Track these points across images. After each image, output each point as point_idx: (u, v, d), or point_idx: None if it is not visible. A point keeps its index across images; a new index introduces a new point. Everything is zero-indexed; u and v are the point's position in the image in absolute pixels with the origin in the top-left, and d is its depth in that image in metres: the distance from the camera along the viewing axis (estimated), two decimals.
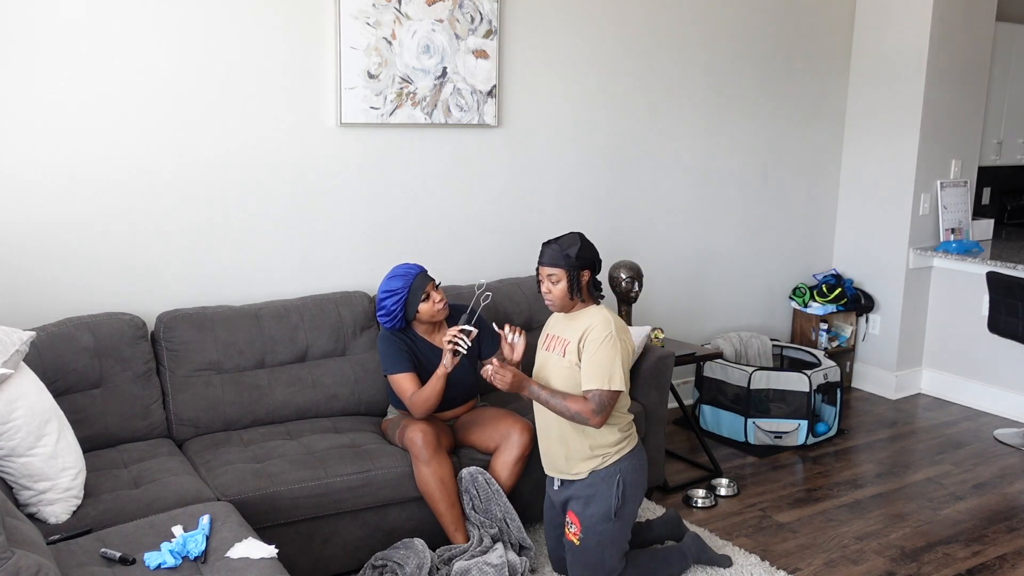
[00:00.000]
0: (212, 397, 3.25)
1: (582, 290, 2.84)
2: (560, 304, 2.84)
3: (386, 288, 3.20)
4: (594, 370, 2.74)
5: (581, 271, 2.81)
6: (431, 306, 3.18)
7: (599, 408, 2.72)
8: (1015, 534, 3.55)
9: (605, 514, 2.80)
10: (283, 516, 2.86)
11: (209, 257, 3.47)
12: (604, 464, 2.82)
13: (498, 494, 3.09)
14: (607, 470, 2.82)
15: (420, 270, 3.23)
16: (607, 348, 2.74)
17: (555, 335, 2.90)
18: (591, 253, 2.84)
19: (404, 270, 3.22)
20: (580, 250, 2.80)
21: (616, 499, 2.80)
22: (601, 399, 2.72)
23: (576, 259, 2.80)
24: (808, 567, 3.27)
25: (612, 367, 2.73)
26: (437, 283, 3.23)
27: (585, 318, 2.82)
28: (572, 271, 2.80)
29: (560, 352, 2.85)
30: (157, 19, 3.22)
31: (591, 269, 2.85)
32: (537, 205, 4.25)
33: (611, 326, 2.76)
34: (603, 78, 4.33)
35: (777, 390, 4.38)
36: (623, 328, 2.82)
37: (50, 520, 2.52)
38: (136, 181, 3.29)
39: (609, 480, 2.81)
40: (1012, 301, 4.33)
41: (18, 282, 3.15)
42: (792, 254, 5.32)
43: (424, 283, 3.18)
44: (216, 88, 3.37)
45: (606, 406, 2.72)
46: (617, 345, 2.75)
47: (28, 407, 2.49)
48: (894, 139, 5.07)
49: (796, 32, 4.99)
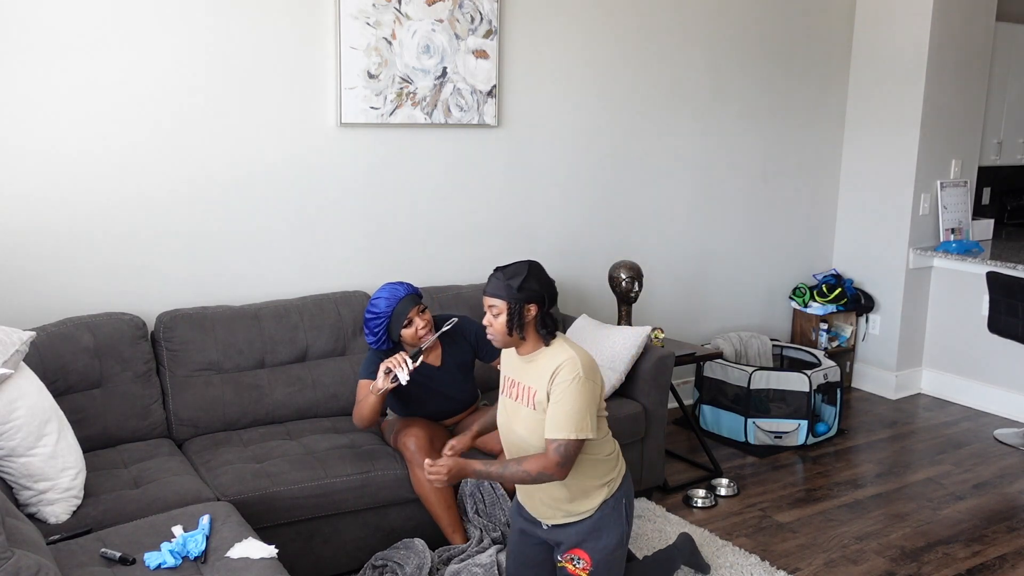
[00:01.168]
0: (212, 397, 3.25)
1: (525, 326, 2.50)
2: (501, 340, 2.53)
3: (370, 309, 3.08)
4: (562, 418, 2.42)
5: (525, 304, 2.48)
6: (413, 332, 3.06)
7: (564, 460, 2.42)
8: (1015, 534, 3.55)
9: (619, 542, 2.60)
10: (283, 516, 2.86)
11: (209, 257, 3.47)
12: (612, 491, 2.59)
13: (503, 499, 3.09)
14: (615, 497, 2.59)
15: (406, 293, 3.08)
16: (575, 392, 2.43)
17: (517, 381, 2.58)
18: (540, 285, 2.50)
19: (390, 292, 3.08)
20: (525, 281, 2.47)
21: (627, 524, 2.63)
22: (567, 450, 2.42)
23: (519, 291, 2.46)
24: (808, 567, 3.27)
25: (582, 415, 2.43)
26: (423, 307, 3.08)
27: (547, 359, 2.50)
28: (514, 304, 2.47)
29: (528, 404, 2.53)
30: (157, 19, 3.22)
31: (539, 303, 2.50)
32: (537, 205, 4.25)
33: (578, 366, 2.45)
34: (603, 78, 4.33)
35: (777, 390, 4.38)
36: (591, 366, 2.51)
37: (50, 520, 2.52)
38: (136, 181, 3.29)
39: (617, 507, 2.60)
40: (1012, 301, 4.33)
41: (18, 282, 3.15)
42: (792, 254, 5.32)
43: (407, 308, 3.04)
44: (216, 88, 3.37)
45: (571, 457, 2.43)
46: (586, 387, 2.44)
47: (28, 407, 2.49)
48: (894, 139, 5.07)
49: (796, 32, 4.99)
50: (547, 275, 2.56)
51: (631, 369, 3.62)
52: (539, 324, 2.52)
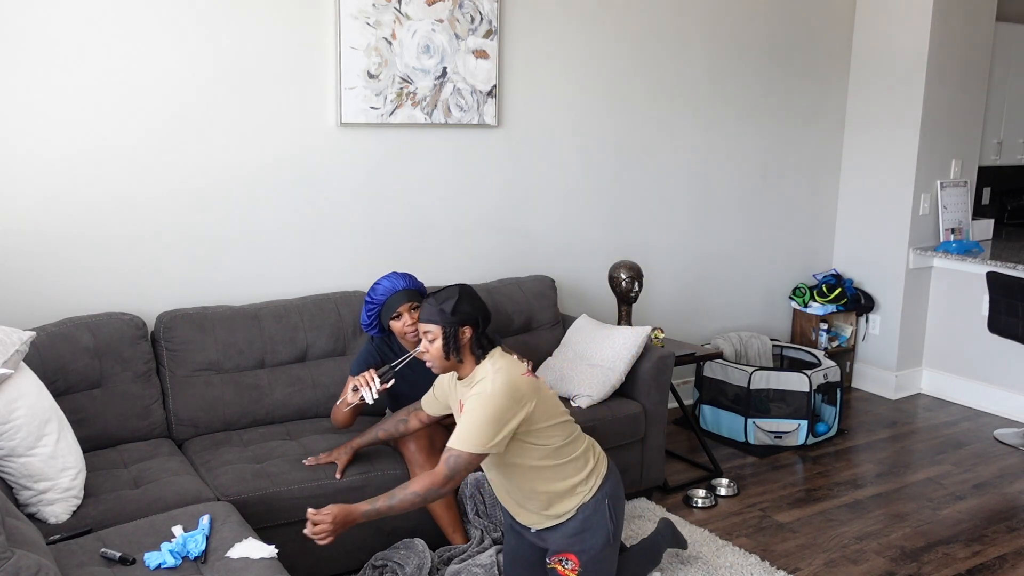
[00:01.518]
0: (212, 397, 3.25)
1: (461, 349, 2.53)
2: (439, 365, 2.56)
3: (369, 293, 3.15)
4: (462, 430, 2.45)
5: (460, 328, 2.51)
6: (401, 326, 3.08)
7: (452, 473, 2.42)
8: (1015, 534, 3.55)
9: (604, 542, 2.63)
10: (283, 516, 2.85)
11: (209, 257, 3.47)
12: (591, 494, 2.62)
13: None
14: (596, 498, 2.62)
15: (405, 287, 3.11)
16: (481, 406, 2.44)
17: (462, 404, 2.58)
18: (472, 307, 2.54)
19: (391, 281, 3.12)
20: (457, 304, 2.51)
21: (612, 524, 2.64)
22: (457, 463, 2.42)
23: (452, 314, 2.49)
24: (808, 567, 3.27)
25: (482, 430, 2.42)
26: (415, 306, 3.07)
27: (478, 376, 2.54)
28: (448, 328, 2.50)
29: None
30: (156, 20, 3.22)
31: (473, 325, 2.53)
32: (537, 205, 4.25)
33: (495, 381, 2.46)
34: (603, 78, 4.33)
35: (777, 390, 4.38)
36: (511, 383, 2.48)
37: (50, 520, 2.51)
38: (136, 182, 3.29)
39: (599, 508, 2.62)
40: (1012, 301, 4.33)
41: (18, 282, 3.14)
42: (792, 254, 5.32)
43: (400, 301, 3.07)
44: (215, 88, 3.37)
45: (460, 471, 2.43)
46: (492, 402, 2.43)
47: (28, 407, 2.49)
48: (894, 139, 5.07)
49: (796, 32, 4.99)
50: (479, 298, 2.59)
51: (631, 369, 3.62)
52: (474, 345, 2.56)
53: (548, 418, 2.57)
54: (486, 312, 2.59)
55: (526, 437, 2.55)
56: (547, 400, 2.60)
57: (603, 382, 3.55)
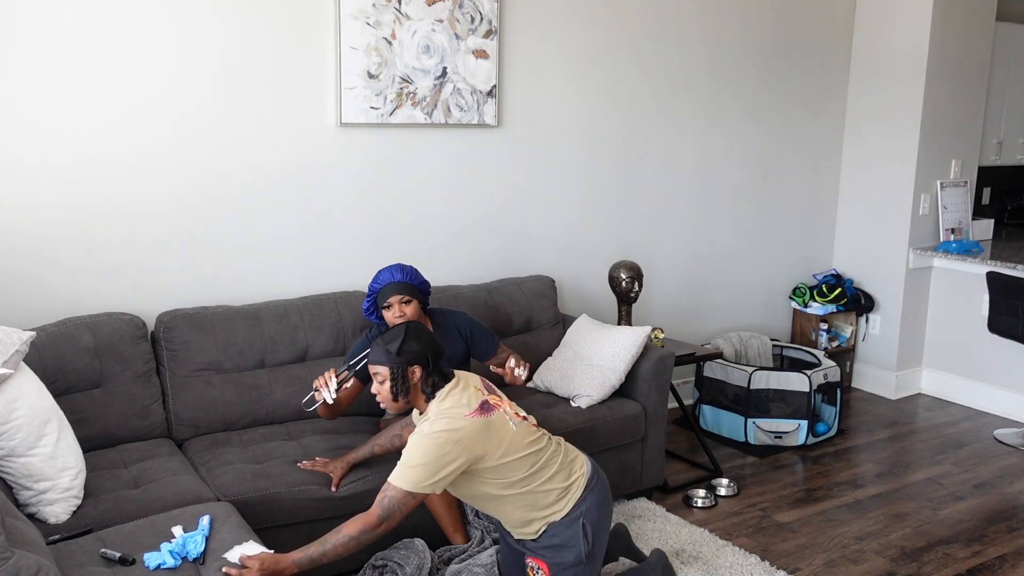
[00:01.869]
0: (212, 397, 3.25)
1: (410, 389, 2.50)
2: (391, 407, 2.54)
3: (371, 283, 3.16)
4: (399, 467, 2.42)
5: (407, 367, 2.48)
6: (390, 316, 3.09)
7: (385, 513, 2.39)
8: (1015, 534, 3.55)
9: (576, 559, 2.59)
10: (283, 517, 2.85)
11: (209, 257, 3.47)
12: (562, 515, 2.59)
13: None
14: (570, 517, 2.59)
15: (401, 279, 3.10)
16: (419, 445, 2.40)
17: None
18: (420, 345, 2.49)
19: (389, 273, 3.12)
20: (403, 344, 2.47)
21: (585, 543, 2.58)
22: (391, 502, 2.39)
23: (398, 354, 2.46)
24: (808, 567, 3.27)
25: (414, 468, 2.39)
26: (406, 299, 3.07)
27: (425, 419, 2.50)
28: (396, 368, 2.47)
29: None
30: (157, 19, 3.22)
31: (422, 364, 2.49)
32: (537, 205, 4.25)
33: (436, 423, 2.42)
34: (603, 78, 4.33)
35: (777, 390, 4.38)
36: (454, 427, 2.41)
37: (50, 520, 2.51)
38: (136, 181, 3.29)
39: (573, 527, 2.58)
40: (1012, 301, 4.33)
41: (18, 282, 3.14)
42: (792, 254, 5.32)
43: (391, 293, 3.06)
44: (216, 88, 3.37)
45: (395, 511, 2.39)
46: (427, 445, 2.39)
47: (28, 407, 2.49)
48: (894, 139, 5.07)
49: (796, 32, 4.99)
50: (428, 334, 2.54)
51: (631, 369, 3.62)
52: (423, 384, 2.51)
53: (503, 456, 2.50)
54: (436, 348, 2.53)
55: (479, 475, 2.51)
56: (502, 438, 2.50)
57: (603, 382, 3.55)
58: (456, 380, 2.57)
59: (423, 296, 3.17)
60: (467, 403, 2.50)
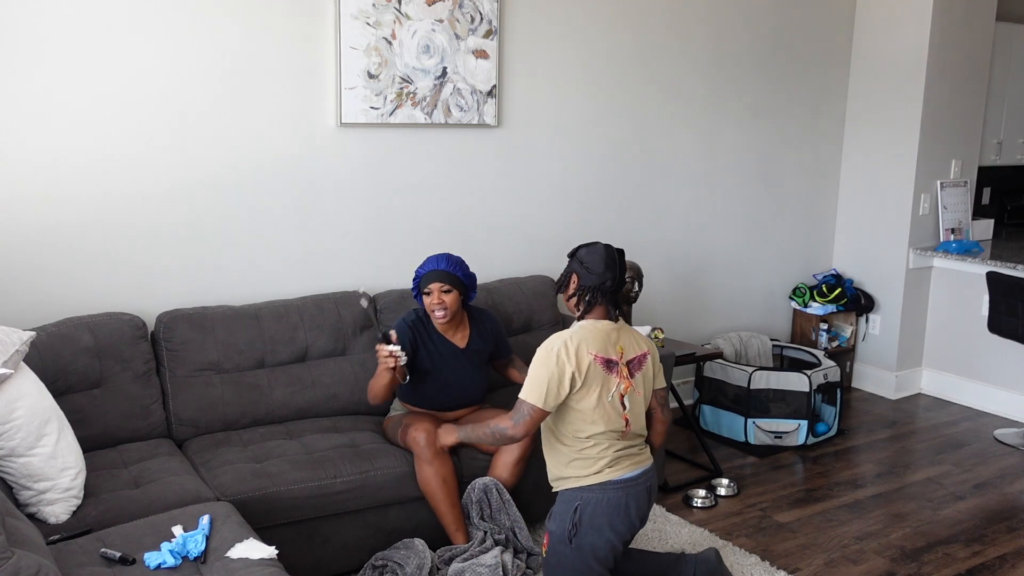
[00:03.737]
0: (212, 397, 3.25)
1: (567, 290, 2.82)
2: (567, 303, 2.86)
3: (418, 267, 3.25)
4: (526, 379, 2.70)
5: (571, 273, 2.82)
6: (428, 302, 3.17)
7: (515, 415, 2.68)
8: (1015, 534, 3.55)
9: (560, 535, 2.71)
10: (283, 516, 2.86)
11: (209, 257, 3.47)
12: (566, 486, 2.75)
13: (509, 504, 3.09)
14: (569, 492, 2.73)
15: (444, 267, 3.17)
16: (535, 361, 2.68)
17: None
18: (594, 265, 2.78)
19: (434, 261, 3.20)
20: (582, 251, 2.83)
21: (570, 524, 2.69)
22: (519, 408, 2.68)
23: (571, 255, 2.85)
24: (808, 567, 3.27)
25: (532, 383, 2.66)
26: (447, 288, 3.14)
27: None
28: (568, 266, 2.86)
29: None
30: (157, 19, 3.22)
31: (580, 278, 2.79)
32: (537, 205, 4.25)
33: (558, 340, 2.67)
34: (603, 78, 4.33)
35: (777, 390, 4.38)
36: (558, 344, 2.66)
37: (50, 520, 2.52)
38: (136, 181, 3.29)
39: (568, 502, 2.72)
40: (1012, 301, 4.33)
41: (18, 282, 3.14)
42: (792, 254, 5.32)
43: (432, 280, 3.15)
44: (216, 88, 3.37)
45: (522, 416, 2.66)
46: (539, 358, 2.67)
47: (28, 407, 2.49)
48: (894, 139, 5.07)
49: (796, 32, 4.99)
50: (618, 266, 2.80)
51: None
52: (578, 299, 2.78)
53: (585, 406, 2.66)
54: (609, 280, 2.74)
55: (562, 410, 2.70)
56: (598, 395, 2.66)
57: None
58: (617, 325, 2.77)
59: (465, 288, 3.22)
60: (600, 345, 2.69)
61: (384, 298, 3.67)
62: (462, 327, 3.30)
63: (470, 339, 3.29)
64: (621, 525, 2.72)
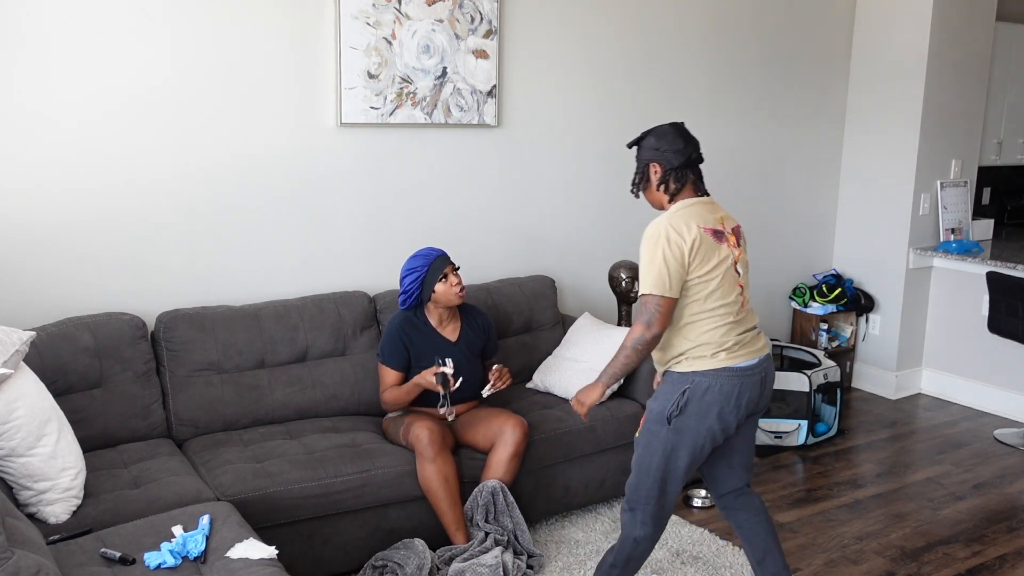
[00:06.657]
0: (212, 397, 3.25)
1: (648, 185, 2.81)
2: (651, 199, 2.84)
3: (407, 266, 3.26)
4: (640, 274, 2.62)
5: (649, 164, 2.78)
6: (448, 287, 3.22)
7: (646, 317, 2.55)
8: (1015, 534, 3.55)
9: (659, 414, 2.61)
10: (283, 516, 2.86)
11: (209, 257, 3.47)
12: (678, 368, 2.63)
13: (512, 507, 3.09)
14: (680, 375, 2.62)
15: (441, 253, 3.28)
16: (644, 251, 2.61)
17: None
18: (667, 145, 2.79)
19: (427, 251, 3.28)
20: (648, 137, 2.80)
21: (674, 406, 2.58)
22: (645, 307, 2.56)
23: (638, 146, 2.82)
24: (808, 567, 3.27)
25: (646, 272, 2.57)
26: (456, 267, 3.27)
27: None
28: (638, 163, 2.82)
29: None
30: (157, 19, 3.22)
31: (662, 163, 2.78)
32: (537, 205, 4.25)
33: (655, 227, 2.63)
34: (603, 78, 4.33)
35: (777, 390, 4.38)
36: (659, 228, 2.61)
37: (50, 520, 2.52)
38: (136, 181, 3.29)
39: (676, 383, 2.61)
40: (1012, 301, 4.33)
41: (18, 282, 3.14)
42: (792, 254, 5.32)
43: (443, 264, 3.22)
44: (216, 88, 3.37)
45: (650, 311, 2.54)
46: (645, 247, 2.59)
47: (28, 407, 2.49)
48: (894, 139, 5.07)
49: (796, 32, 4.99)
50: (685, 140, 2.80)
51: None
52: (663, 184, 2.77)
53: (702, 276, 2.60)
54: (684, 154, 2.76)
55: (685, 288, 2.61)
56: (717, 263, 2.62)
57: None
58: (710, 199, 2.77)
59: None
60: (702, 218, 2.66)
61: (384, 298, 3.67)
62: (454, 321, 3.35)
63: (461, 332, 3.35)
64: (729, 415, 2.61)
